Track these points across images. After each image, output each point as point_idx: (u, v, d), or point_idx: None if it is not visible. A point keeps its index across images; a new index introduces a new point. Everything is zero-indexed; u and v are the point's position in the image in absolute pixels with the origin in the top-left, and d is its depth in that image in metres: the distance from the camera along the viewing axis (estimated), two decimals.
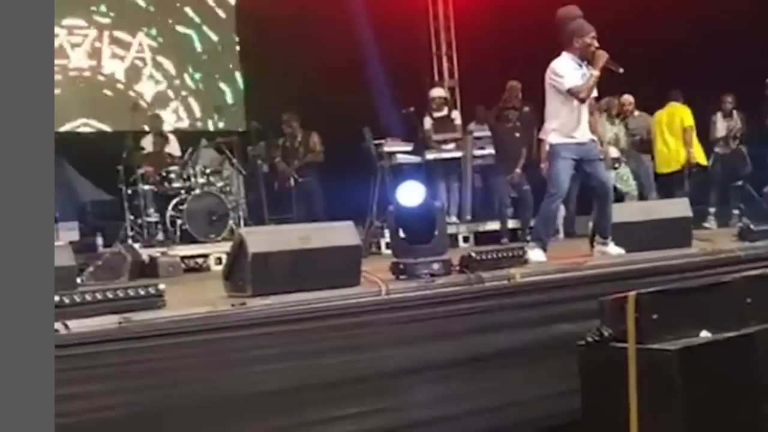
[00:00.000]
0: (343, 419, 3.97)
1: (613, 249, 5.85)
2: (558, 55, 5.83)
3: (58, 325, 3.47)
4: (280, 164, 9.86)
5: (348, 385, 4.02)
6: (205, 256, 8.37)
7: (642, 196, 9.32)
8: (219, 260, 7.77)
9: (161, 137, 9.61)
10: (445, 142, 9.92)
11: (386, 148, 9.44)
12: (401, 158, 9.57)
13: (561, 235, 9.24)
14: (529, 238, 6.79)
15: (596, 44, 5.73)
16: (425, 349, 4.28)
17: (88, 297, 3.74)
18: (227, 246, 6.01)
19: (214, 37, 11.89)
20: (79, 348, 3.38)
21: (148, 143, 9.50)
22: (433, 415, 4.22)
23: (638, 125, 9.71)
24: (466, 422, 4.29)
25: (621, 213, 6.16)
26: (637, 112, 9.66)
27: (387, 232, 8.27)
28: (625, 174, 9.35)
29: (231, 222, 8.75)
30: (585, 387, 3.65)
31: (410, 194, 5.03)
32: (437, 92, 10.43)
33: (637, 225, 6.09)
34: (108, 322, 3.59)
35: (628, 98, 9.51)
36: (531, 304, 4.69)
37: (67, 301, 3.66)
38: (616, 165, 9.29)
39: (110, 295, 3.79)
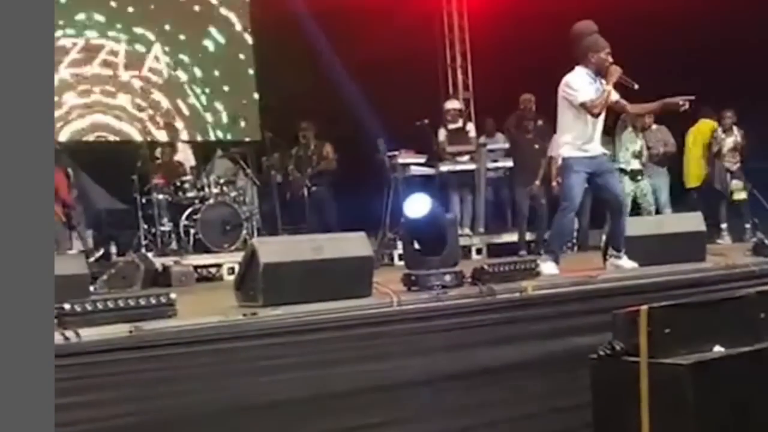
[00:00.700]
0: (353, 430, 3.96)
1: (627, 262, 5.82)
2: (572, 69, 5.83)
3: (69, 333, 3.48)
4: (293, 173, 9.89)
5: (359, 396, 4.01)
6: (218, 265, 8.40)
7: (657, 211, 9.29)
8: (232, 270, 7.79)
9: (169, 146, 9.67)
10: (459, 154, 9.92)
11: (400, 160, 9.45)
12: (415, 170, 9.58)
13: (575, 248, 9.23)
14: (542, 251, 6.78)
15: (611, 59, 5.74)
16: (436, 361, 4.27)
17: (99, 305, 3.75)
18: (240, 256, 6.02)
19: (230, 48, 11.94)
20: (90, 356, 3.38)
21: (161, 153, 9.56)
22: (444, 427, 4.20)
23: (656, 139, 9.67)
24: None
25: (634, 226, 6.14)
26: (654, 126, 9.63)
27: (400, 244, 8.28)
28: (645, 188, 9.31)
29: (244, 232, 8.78)
30: (596, 401, 3.62)
31: (416, 206, 5.04)
32: (452, 104, 10.46)
33: (651, 239, 6.07)
34: (118, 330, 3.59)
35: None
36: (543, 317, 4.67)
37: (78, 309, 3.67)
38: (639, 177, 9.27)
39: (121, 304, 3.80)
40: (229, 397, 3.67)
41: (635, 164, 9.31)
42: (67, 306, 3.66)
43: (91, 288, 5.99)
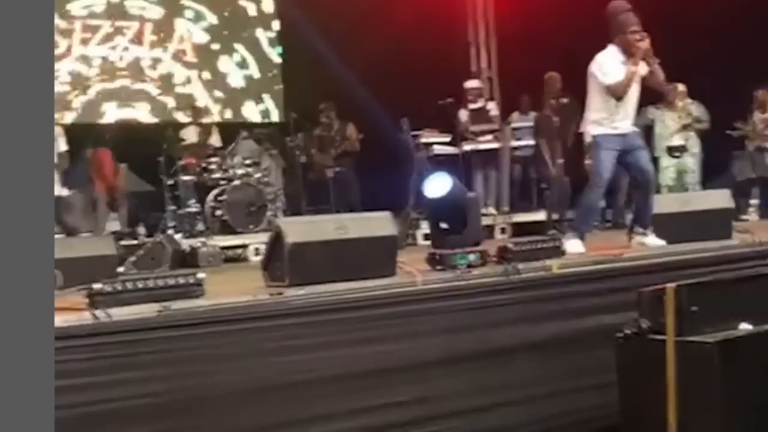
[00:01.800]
0: (378, 409, 3.99)
1: (653, 240, 5.81)
2: (601, 46, 5.82)
3: (99, 313, 3.53)
4: (317, 154, 9.91)
5: (384, 376, 4.03)
6: (244, 246, 8.43)
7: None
8: (257, 251, 7.84)
9: (205, 129, 9.71)
10: (482, 133, 9.89)
11: (423, 140, 9.43)
12: (438, 149, 9.56)
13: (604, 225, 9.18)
14: (567, 228, 6.76)
15: (637, 38, 5.70)
16: (460, 340, 4.28)
17: (128, 285, 3.79)
18: (265, 237, 6.05)
19: (256, 29, 11.95)
20: (120, 335, 3.42)
21: (187, 134, 9.61)
22: (468, 405, 4.22)
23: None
24: (502, 413, 4.29)
25: (661, 204, 6.12)
26: (689, 100, 9.52)
27: (424, 224, 8.29)
28: (686, 164, 9.19)
29: (269, 213, 8.81)
30: (622, 379, 3.63)
31: (436, 185, 5.06)
32: (472, 83, 10.42)
33: (677, 216, 6.04)
34: (148, 310, 3.63)
35: (679, 86, 9.40)
36: (568, 296, 4.66)
37: (108, 289, 3.72)
38: (677, 154, 9.16)
39: (150, 284, 3.84)
40: (256, 376, 3.70)
41: (675, 140, 9.21)
42: (97, 286, 3.71)
43: (120, 269, 6.06)
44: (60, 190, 7.59)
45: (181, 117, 10.93)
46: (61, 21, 10.55)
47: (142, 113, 11.13)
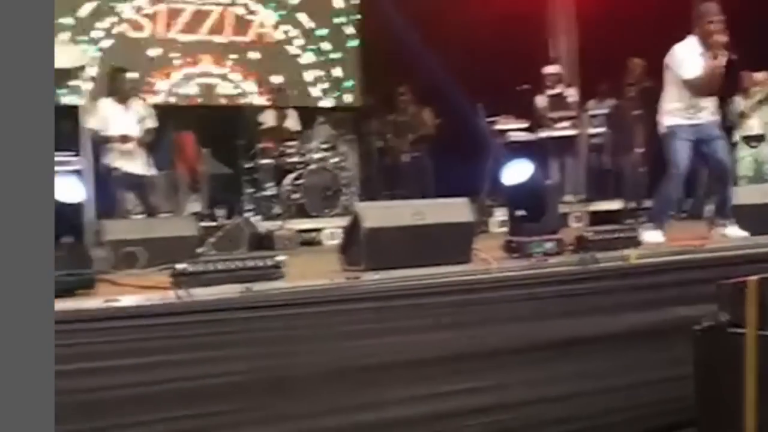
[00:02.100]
0: (451, 395, 4.02)
1: (734, 231, 5.70)
2: (680, 35, 5.72)
3: (181, 293, 3.64)
4: (393, 139, 9.96)
5: (456, 362, 4.05)
6: (319, 230, 8.55)
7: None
8: (332, 235, 7.94)
9: (281, 112, 9.86)
10: (560, 120, 9.79)
11: (500, 126, 9.39)
12: (514, 136, 9.51)
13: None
14: (646, 218, 6.67)
15: (713, 28, 5.55)
16: (535, 328, 4.27)
17: (211, 266, 3.90)
18: (340, 221, 6.13)
19: (334, 14, 12.02)
20: (203, 315, 3.51)
21: (266, 118, 9.76)
22: (541, 394, 4.22)
23: None
24: (575, 403, 4.28)
25: (744, 195, 6.02)
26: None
27: (497, 211, 8.27)
28: (762, 156, 8.94)
29: (344, 197, 8.90)
30: (699, 373, 3.58)
31: (515, 172, 5.05)
32: (551, 69, 10.30)
33: (760, 207, 5.91)
34: (230, 290, 3.72)
35: (758, 75, 9.15)
36: (645, 286, 4.60)
37: (192, 269, 3.83)
38: (754, 144, 8.94)
39: (232, 266, 3.94)
40: (332, 359, 3.75)
41: (752, 129, 8.99)
42: (181, 266, 3.83)
43: (200, 250, 6.22)
44: (148, 169, 7.83)
45: (260, 101, 11.10)
46: (146, 5, 10.82)
47: (222, 97, 11.34)
